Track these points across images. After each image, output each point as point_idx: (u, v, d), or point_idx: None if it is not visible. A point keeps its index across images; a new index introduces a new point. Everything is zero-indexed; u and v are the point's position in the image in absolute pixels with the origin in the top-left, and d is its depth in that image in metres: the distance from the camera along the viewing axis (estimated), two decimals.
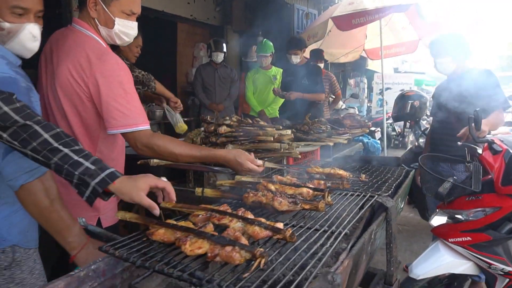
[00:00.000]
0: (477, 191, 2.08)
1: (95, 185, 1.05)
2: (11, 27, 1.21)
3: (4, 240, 1.29)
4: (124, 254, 0.91)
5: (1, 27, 1.20)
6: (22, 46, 1.27)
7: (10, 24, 1.21)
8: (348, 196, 1.49)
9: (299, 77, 4.36)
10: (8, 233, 1.30)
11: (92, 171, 1.06)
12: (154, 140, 1.49)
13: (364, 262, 1.24)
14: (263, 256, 0.84)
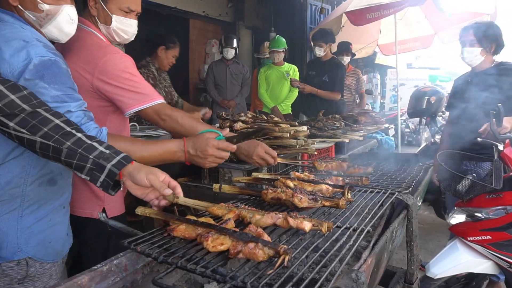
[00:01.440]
0: (498, 189, 2.03)
1: (111, 167, 1.02)
2: (50, 9, 1.20)
3: (20, 251, 1.23)
4: (146, 250, 0.91)
5: (40, 8, 1.18)
6: (59, 29, 1.25)
7: (49, 6, 1.19)
8: (368, 193, 1.46)
9: (321, 74, 4.33)
10: (25, 243, 1.24)
11: (107, 155, 1.03)
12: (174, 111, 1.56)
13: (385, 261, 1.22)
14: (287, 253, 0.83)
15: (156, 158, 1.32)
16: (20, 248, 1.22)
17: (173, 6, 6.25)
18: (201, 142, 1.32)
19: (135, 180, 1.06)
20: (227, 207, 1.11)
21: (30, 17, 1.19)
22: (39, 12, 1.19)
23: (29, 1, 1.17)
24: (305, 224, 0.97)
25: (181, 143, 1.34)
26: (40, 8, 1.18)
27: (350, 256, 1.11)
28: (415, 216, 1.37)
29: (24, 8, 1.17)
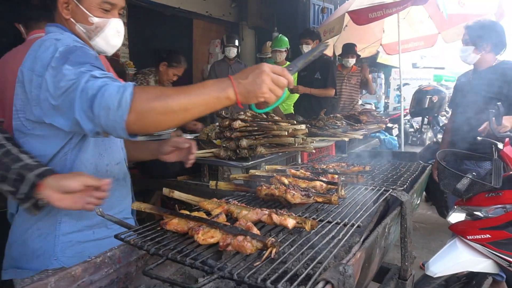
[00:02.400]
0: (497, 188, 2.03)
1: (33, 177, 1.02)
2: (99, 22, 1.26)
3: (56, 259, 1.23)
4: (138, 242, 0.93)
5: (90, 21, 1.25)
6: (106, 41, 1.30)
7: (98, 19, 1.25)
8: (362, 190, 1.48)
9: (312, 72, 4.34)
10: (62, 253, 1.24)
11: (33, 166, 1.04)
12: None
13: (377, 256, 1.23)
14: (274, 245, 0.85)
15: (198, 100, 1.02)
16: (56, 256, 1.23)
17: (177, 7, 6.30)
18: (250, 68, 1.04)
19: (64, 186, 1.04)
20: (217, 202, 1.13)
21: (81, 29, 1.26)
22: (89, 24, 1.25)
23: (80, 15, 1.24)
24: (288, 221, 0.99)
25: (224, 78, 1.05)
26: (90, 21, 1.25)
27: (341, 251, 1.13)
28: (409, 213, 1.37)
29: (76, 21, 1.25)
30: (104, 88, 1.00)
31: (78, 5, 1.22)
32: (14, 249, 1.29)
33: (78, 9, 1.23)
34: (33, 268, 1.25)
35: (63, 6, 1.23)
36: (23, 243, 1.27)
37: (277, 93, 1.02)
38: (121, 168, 1.43)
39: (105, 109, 0.98)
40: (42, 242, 1.24)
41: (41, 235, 1.25)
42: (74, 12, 1.24)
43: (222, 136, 2.19)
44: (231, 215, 1.11)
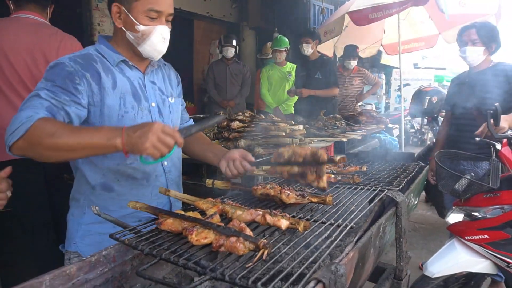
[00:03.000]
0: (495, 188, 2.03)
1: None
2: (145, 30, 1.32)
3: (75, 243, 1.40)
4: (133, 242, 0.94)
5: (137, 29, 1.32)
6: (153, 47, 1.37)
7: (144, 27, 1.32)
8: (358, 190, 1.48)
9: (313, 72, 4.34)
10: (81, 239, 1.40)
11: None
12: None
13: (372, 256, 1.24)
14: (266, 247, 0.85)
15: (85, 143, 1.11)
16: (75, 241, 1.41)
17: (177, 7, 6.31)
18: (143, 123, 1.14)
19: None
20: (213, 202, 1.14)
21: (130, 37, 1.35)
22: (136, 32, 1.33)
23: (129, 24, 1.33)
24: (281, 222, 1.00)
25: (119, 127, 1.15)
26: (136, 29, 1.32)
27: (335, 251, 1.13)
28: (404, 214, 1.38)
29: (126, 29, 1.34)
30: (20, 111, 1.16)
31: (128, 14, 1.31)
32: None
33: (128, 18, 1.32)
34: (66, 246, 1.45)
35: (116, 16, 1.34)
36: (66, 224, 1.46)
37: (162, 151, 1.11)
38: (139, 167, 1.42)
39: (9, 128, 1.13)
40: (71, 225, 1.44)
41: (71, 220, 1.44)
42: (125, 21, 1.34)
43: (220, 136, 2.20)
44: (225, 215, 1.12)
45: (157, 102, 1.49)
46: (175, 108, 1.60)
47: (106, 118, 1.34)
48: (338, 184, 1.57)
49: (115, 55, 1.39)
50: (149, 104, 1.45)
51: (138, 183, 1.43)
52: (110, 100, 1.34)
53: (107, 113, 1.33)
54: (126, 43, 1.39)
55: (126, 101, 1.38)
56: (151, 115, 1.45)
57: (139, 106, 1.41)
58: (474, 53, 2.71)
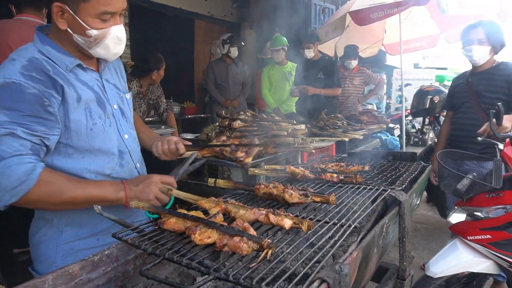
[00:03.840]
0: (498, 188, 2.02)
1: None
2: (98, 34, 1.18)
3: (56, 266, 1.23)
4: (136, 242, 0.93)
5: (88, 34, 1.17)
6: (107, 50, 1.24)
7: (98, 31, 1.17)
8: (361, 190, 1.48)
9: (315, 72, 4.33)
10: (62, 260, 1.26)
11: None
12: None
13: (375, 256, 1.23)
14: (270, 247, 0.85)
15: (92, 197, 1.15)
16: (56, 263, 1.26)
17: (178, 7, 6.32)
18: (142, 176, 1.24)
19: None
20: (215, 201, 1.14)
21: (79, 40, 1.19)
22: (87, 37, 1.18)
23: (77, 27, 1.16)
24: (285, 222, 0.99)
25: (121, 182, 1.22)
26: (88, 34, 1.17)
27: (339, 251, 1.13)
28: (407, 213, 1.37)
29: (73, 32, 1.17)
30: (10, 163, 1.04)
31: (75, 16, 1.13)
32: (32, 250, 1.34)
33: (75, 21, 1.14)
34: (40, 271, 1.29)
35: (57, 14, 1.14)
36: (35, 247, 1.31)
37: (165, 200, 1.18)
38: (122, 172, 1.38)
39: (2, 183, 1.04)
40: (45, 248, 1.28)
41: (45, 241, 1.28)
42: (70, 22, 1.16)
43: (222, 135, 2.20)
44: (228, 214, 1.11)
45: (118, 103, 1.39)
46: (131, 102, 1.52)
47: (74, 134, 1.21)
48: (340, 184, 1.57)
49: (67, 59, 1.22)
50: (111, 107, 1.35)
51: None
52: (75, 114, 1.20)
53: (74, 128, 1.21)
54: (73, 44, 1.21)
55: (92, 112, 1.25)
56: (115, 119, 1.35)
57: (105, 113, 1.30)
58: (480, 53, 2.66)
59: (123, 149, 1.37)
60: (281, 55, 4.94)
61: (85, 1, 1.12)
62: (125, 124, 1.41)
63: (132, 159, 1.42)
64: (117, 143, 1.34)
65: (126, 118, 1.42)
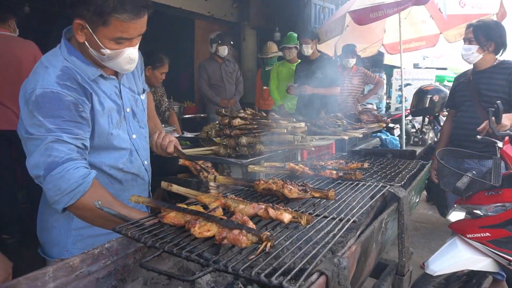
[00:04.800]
0: (497, 186, 2.03)
1: None
2: (111, 53, 1.24)
3: (67, 251, 1.36)
4: (136, 235, 0.94)
5: (102, 52, 1.23)
6: (119, 67, 1.32)
7: (111, 51, 1.24)
8: (360, 186, 1.48)
9: (314, 72, 4.34)
10: (73, 245, 1.36)
11: None
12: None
13: (374, 251, 1.24)
14: (269, 239, 0.85)
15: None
16: (67, 248, 1.37)
17: (179, 7, 6.33)
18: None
19: None
20: (215, 196, 1.14)
21: (93, 54, 1.25)
22: (101, 54, 1.24)
23: (94, 44, 1.22)
24: (284, 216, 0.99)
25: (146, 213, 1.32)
26: (102, 52, 1.23)
27: (337, 245, 1.13)
28: (406, 209, 1.38)
29: (89, 46, 1.24)
30: (68, 168, 1.15)
31: (93, 35, 1.20)
32: (42, 235, 1.43)
33: (92, 38, 1.20)
34: (53, 255, 1.40)
35: (77, 28, 1.20)
36: (47, 231, 1.41)
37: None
38: (132, 167, 1.47)
39: (55, 187, 1.15)
40: (58, 233, 1.38)
41: (57, 227, 1.38)
42: (88, 38, 1.22)
43: (222, 133, 2.20)
44: (228, 209, 1.12)
45: (131, 105, 1.48)
46: (145, 102, 1.61)
47: (96, 136, 1.32)
48: (340, 180, 1.57)
49: (89, 70, 1.31)
50: (125, 111, 1.44)
51: (128, 183, 1.48)
52: (101, 120, 1.32)
53: (97, 131, 1.32)
54: (91, 55, 1.28)
55: (113, 118, 1.37)
56: (126, 121, 1.45)
57: (120, 117, 1.41)
58: (468, 51, 2.75)
59: (131, 147, 1.47)
60: (293, 52, 4.97)
61: (104, 25, 1.17)
62: (135, 125, 1.50)
63: (139, 157, 1.51)
64: (128, 142, 1.45)
65: (137, 119, 1.51)
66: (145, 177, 1.56)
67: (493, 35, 2.69)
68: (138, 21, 1.20)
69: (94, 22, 1.17)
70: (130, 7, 1.16)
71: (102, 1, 1.13)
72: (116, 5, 1.14)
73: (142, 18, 1.21)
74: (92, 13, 1.14)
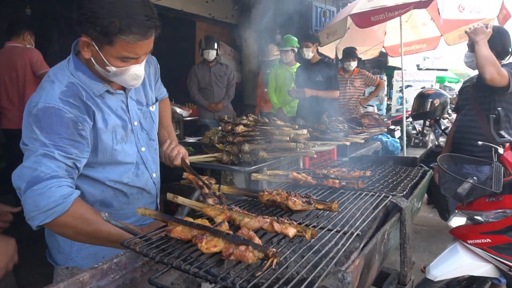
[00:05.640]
0: (498, 192, 2.04)
1: None
2: (117, 71, 1.24)
3: (71, 259, 1.38)
4: (144, 250, 0.96)
5: (108, 70, 1.23)
6: (124, 83, 1.31)
7: (117, 69, 1.23)
8: (363, 196, 1.50)
9: (313, 75, 4.35)
10: (77, 253, 1.38)
11: None
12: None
13: (377, 262, 1.25)
14: (275, 256, 0.87)
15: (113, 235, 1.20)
16: (71, 256, 1.39)
17: (180, 9, 6.34)
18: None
19: None
20: (220, 209, 1.16)
21: (99, 70, 1.25)
22: (107, 71, 1.24)
23: (99, 60, 1.22)
24: (289, 230, 1.01)
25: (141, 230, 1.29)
26: (107, 69, 1.23)
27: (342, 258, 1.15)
28: (408, 219, 1.40)
29: (95, 62, 1.23)
30: (50, 185, 1.13)
31: (99, 52, 1.19)
32: (49, 240, 1.44)
33: (98, 55, 1.20)
34: (59, 262, 1.42)
35: (84, 45, 1.20)
36: (53, 238, 1.41)
37: None
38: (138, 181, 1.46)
39: (33, 203, 1.12)
40: (62, 241, 1.39)
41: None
42: (94, 54, 1.22)
43: (225, 140, 2.22)
44: (233, 222, 1.14)
45: (139, 118, 1.46)
46: (156, 114, 1.59)
47: (100, 152, 1.31)
48: (342, 190, 1.59)
49: (95, 86, 1.30)
50: (132, 124, 1.43)
51: (133, 197, 1.47)
52: (103, 137, 1.31)
53: (100, 148, 1.31)
54: (97, 71, 1.28)
55: (117, 134, 1.35)
56: (134, 134, 1.43)
57: (126, 132, 1.39)
58: (469, 58, 2.78)
59: (139, 160, 1.46)
60: (289, 56, 4.92)
61: (110, 44, 1.16)
62: (144, 137, 1.48)
63: (147, 169, 1.50)
64: (134, 156, 1.43)
65: (146, 131, 1.49)
66: (152, 190, 1.55)
67: (495, 42, 2.70)
68: (144, 42, 1.20)
69: (100, 41, 1.17)
70: (136, 29, 1.15)
71: (108, 22, 1.12)
72: (123, 27, 1.13)
73: (149, 38, 1.21)
74: (98, 32, 1.14)
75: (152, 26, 1.20)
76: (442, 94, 3.84)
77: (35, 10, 6.26)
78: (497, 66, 2.50)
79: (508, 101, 2.63)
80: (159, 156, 1.62)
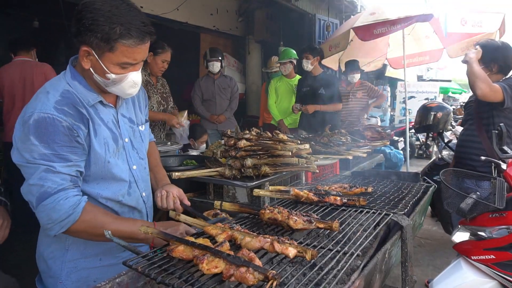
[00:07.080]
0: (501, 208, 2.04)
1: None
2: (116, 78, 1.28)
3: (61, 282, 1.37)
4: (146, 270, 0.97)
5: (107, 77, 1.27)
6: (122, 91, 1.34)
7: (116, 76, 1.27)
8: (364, 213, 1.50)
9: (316, 88, 4.38)
10: (67, 277, 1.37)
11: None
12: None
13: (378, 281, 1.25)
14: (275, 278, 0.88)
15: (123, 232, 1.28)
16: (61, 280, 1.37)
17: (185, 21, 6.44)
18: (172, 222, 1.40)
19: None
20: (222, 227, 1.17)
21: (98, 79, 1.29)
22: (106, 79, 1.28)
23: (99, 69, 1.26)
24: (289, 250, 1.02)
25: (152, 223, 1.41)
26: (107, 77, 1.27)
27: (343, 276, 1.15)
28: (410, 238, 1.40)
29: (94, 72, 1.28)
30: (58, 199, 1.20)
31: (99, 61, 1.23)
32: (40, 263, 1.44)
33: (98, 64, 1.24)
34: (48, 285, 1.40)
35: (83, 55, 1.24)
36: (44, 261, 1.41)
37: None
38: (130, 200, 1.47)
39: (47, 216, 1.21)
40: (53, 264, 1.38)
41: (52, 257, 1.38)
42: (93, 64, 1.26)
43: (228, 155, 2.24)
44: (234, 241, 1.15)
45: (129, 136, 1.48)
46: (146, 134, 1.61)
47: (92, 163, 1.32)
48: (344, 207, 1.59)
49: (90, 96, 1.33)
50: (123, 141, 1.44)
51: (124, 215, 1.46)
52: (96, 146, 1.32)
53: (93, 158, 1.32)
54: (94, 81, 1.32)
55: (109, 147, 1.37)
56: (125, 151, 1.45)
57: (117, 147, 1.40)
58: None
59: (130, 179, 1.47)
60: (288, 68, 4.95)
61: (111, 51, 1.21)
62: (134, 156, 1.50)
63: (138, 188, 1.50)
64: (127, 173, 1.44)
65: (136, 150, 1.50)
66: (143, 209, 1.53)
67: (497, 57, 2.71)
68: (142, 47, 1.25)
69: (101, 48, 1.21)
70: (135, 33, 1.21)
71: (109, 28, 1.17)
72: (123, 31, 1.19)
73: (146, 43, 1.27)
74: (99, 39, 1.19)
75: (148, 31, 1.25)
76: (445, 107, 3.85)
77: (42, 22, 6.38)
78: (488, 82, 2.52)
79: (507, 116, 2.63)
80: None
